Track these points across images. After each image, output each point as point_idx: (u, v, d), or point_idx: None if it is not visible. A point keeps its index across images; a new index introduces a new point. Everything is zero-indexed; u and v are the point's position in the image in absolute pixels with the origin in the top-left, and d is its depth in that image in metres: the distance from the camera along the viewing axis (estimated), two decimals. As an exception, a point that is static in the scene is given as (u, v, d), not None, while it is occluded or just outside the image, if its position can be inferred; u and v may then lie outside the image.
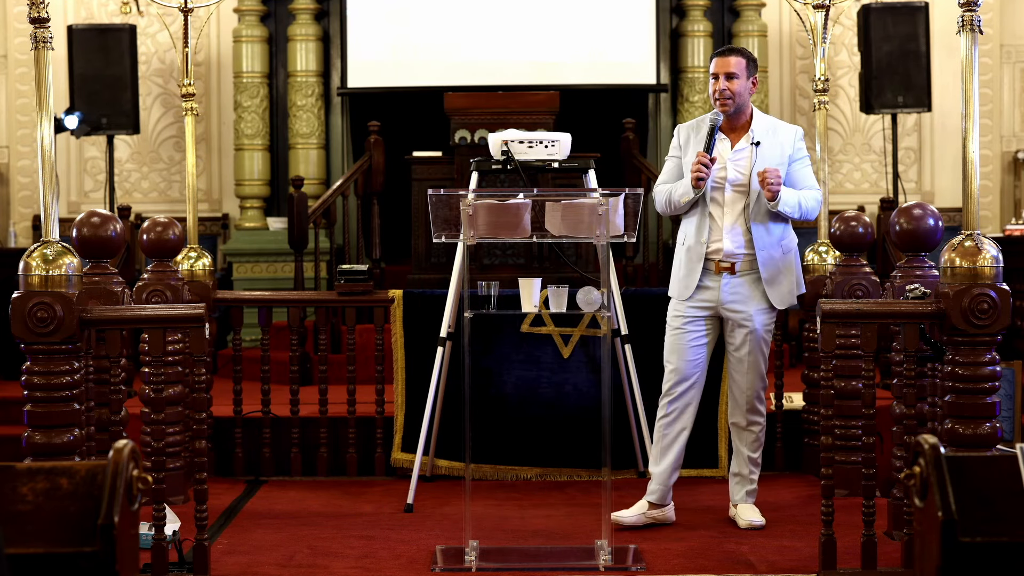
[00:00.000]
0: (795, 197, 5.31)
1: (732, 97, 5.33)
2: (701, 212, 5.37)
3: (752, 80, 5.39)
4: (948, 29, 7.33)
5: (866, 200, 9.87)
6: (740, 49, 5.43)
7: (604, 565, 4.81)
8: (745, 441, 5.52)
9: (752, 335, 5.39)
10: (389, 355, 6.55)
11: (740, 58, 5.36)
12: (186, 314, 4.68)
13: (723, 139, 5.40)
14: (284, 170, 9.72)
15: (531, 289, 5.10)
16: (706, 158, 5.25)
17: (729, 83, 5.33)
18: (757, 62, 5.49)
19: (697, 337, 5.44)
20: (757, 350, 5.41)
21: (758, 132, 5.38)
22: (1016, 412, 6.46)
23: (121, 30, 9.43)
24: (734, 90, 5.33)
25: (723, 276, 5.36)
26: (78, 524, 3.09)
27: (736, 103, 5.35)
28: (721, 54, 5.40)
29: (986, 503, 3.16)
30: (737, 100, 5.34)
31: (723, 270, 5.36)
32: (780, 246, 5.39)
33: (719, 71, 5.36)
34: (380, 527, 5.50)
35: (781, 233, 5.41)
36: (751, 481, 5.53)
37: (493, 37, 9.52)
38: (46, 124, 4.50)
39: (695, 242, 5.38)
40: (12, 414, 6.95)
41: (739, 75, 5.34)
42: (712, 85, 5.38)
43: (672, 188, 5.41)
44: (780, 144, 5.39)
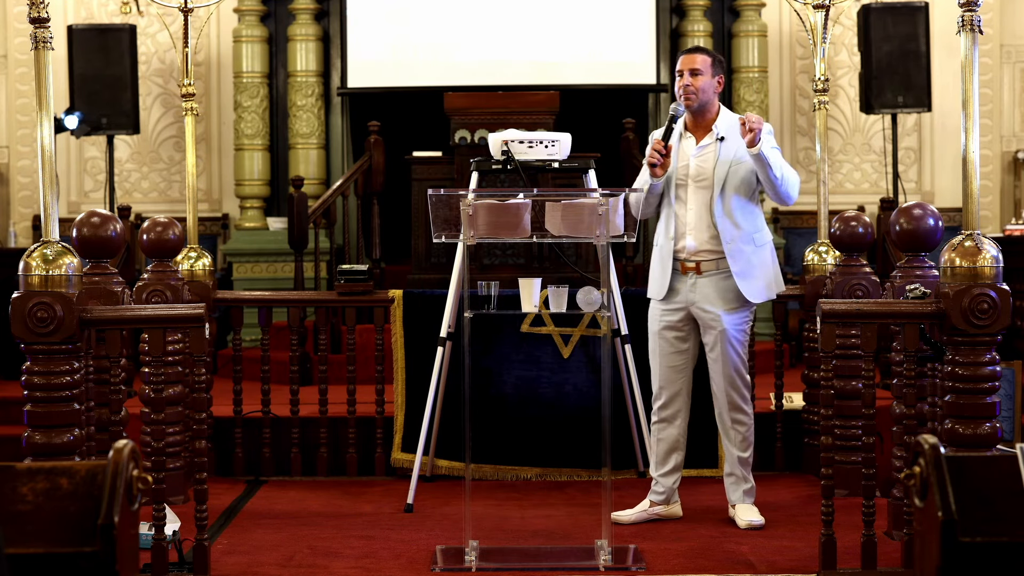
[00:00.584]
0: (778, 157, 5.32)
1: (696, 93, 5.40)
2: (667, 210, 5.43)
3: (717, 79, 5.46)
4: (948, 29, 7.33)
5: (866, 200, 9.87)
6: (707, 49, 5.54)
7: (604, 565, 4.81)
8: (733, 441, 5.52)
9: (722, 335, 5.39)
10: (389, 355, 6.55)
11: (705, 56, 5.46)
12: (186, 314, 4.68)
13: (688, 136, 5.47)
14: (284, 170, 9.72)
15: (531, 289, 5.10)
16: (660, 145, 5.32)
17: (694, 79, 5.40)
18: (723, 63, 5.58)
19: (676, 341, 5.48)
20: (730, 350, 5.41)
21: (723, 128, 5.42)
22: (1016, 412, 6.46)
23: (121, 30, 9.42)
24: (698, 86, 5.40)
25: (690, 276, 5.40)
26: (78, 524, 3.08)
27: (700, 99, 5.41)
28: (688, 52, 5.50)
29: (986, 503, 3.16)
30: (701, 96, 5.41)
31: (689, 270, 5.40)
32: (751, 239, 5.39)
33: (684, 68, 5.44)
34: (380, 527, 5.50)
35: (752, 227, 5.41)
36: (746, 480, 5.53)
37: (493, 37, 9.52)
38: (46, 124, 4.50)
39: (664, 240, 5.43)
40: (12, 414, 6.95)
41: (704, 72, 5.41)
42: (678, 82, 5.45)
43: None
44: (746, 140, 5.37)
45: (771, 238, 5.52)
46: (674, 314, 5.46)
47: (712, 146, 5.42)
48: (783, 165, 5.34)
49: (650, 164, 5.34)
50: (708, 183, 5.37)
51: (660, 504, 5.53)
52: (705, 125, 5.46)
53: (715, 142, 5.42)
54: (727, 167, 5.37)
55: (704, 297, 5.40)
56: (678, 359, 5.51)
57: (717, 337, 5.41)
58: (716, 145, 5.41)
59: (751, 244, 5.39)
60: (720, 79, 5.48)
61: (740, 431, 5.51)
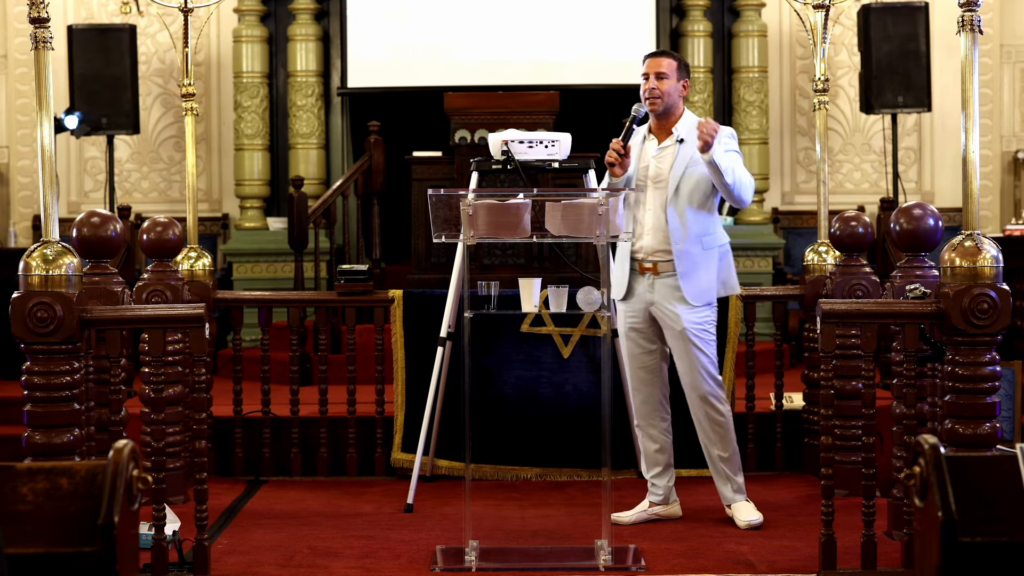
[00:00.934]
0: (730, 161, 5.30)
1: (661, 96, 5.40)
2: (628, 211, 5.38)
3: (683, 83, 5.46)
4: (948, 29, 7.33)
5: (866, 200, 9.87)
6: (672, 52, 5.54)
7: (604, 565, 4.81)
8: (711, 440, 5.47)
9: (682, 335, 5.36)
10: (389, 355, 6.55)
11: (671, 60, 5.45)
12: (186, 314, 4.68)
13: (652, 138, 5.48)
14: (284, 170, 9.72)
15: (531, 289, 5.10)
16: (619, 144, 5.33)
17: (659, 83, 5.40)
18: (689, 67, 5.59)
19: (643, 342, 5.48)
20: (692, 349, 5.36)
21: (683, 130, 5.42)
22: (1016, 412, 6.46)
23: (121, 30, 9.42)
24: (663, 90, 5.40)
25: (647, 276, 5.40)
26: (78, 524, 3.08)
27: (665, 103, 5.41)
28: (653, 55, 5.49)
29: (986, 503, 3.16)
30: (666, 100, 5.41)
31: (646, 270, 5.40)
32: (700, 242, 5.37)
33: (650, 71, 5.43)
34: (380, 527, 5.50)
35: (701, 230, 5.39)
36: (734, 479, 5.50)
37: (493, 37, 9.52)
38: (46, 124, 4.50)
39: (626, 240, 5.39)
40: (12, 414, 6.95)
41: (669, 76, 5.41)
42: (643, 85, 5.44)
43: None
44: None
45: (725, 241, 5.48)
46: (636, 315, 5.46)
47: (671, 148, 5.43)
48: (736, 169, 5.32)
49: (608, 164, 5.37)
50: (665, 184, 5.38)
51: (659, 504, 5.53)
52: (668, 128, 5.47)
53: (675, 144, 5.43)
54: (683, 169, 5.37)
55: (662, 296, 5.39)
56: (648, 360, 5.50)
57: (678, 336, 5.38)
58: (675, 147, 5.42)
59: (698, 246, 5.37)
60: (685, 83, 5.48)
61: (716, 430, 5.46)
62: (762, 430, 6.59)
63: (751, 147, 9.64)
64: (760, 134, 9.66)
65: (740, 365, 6.70)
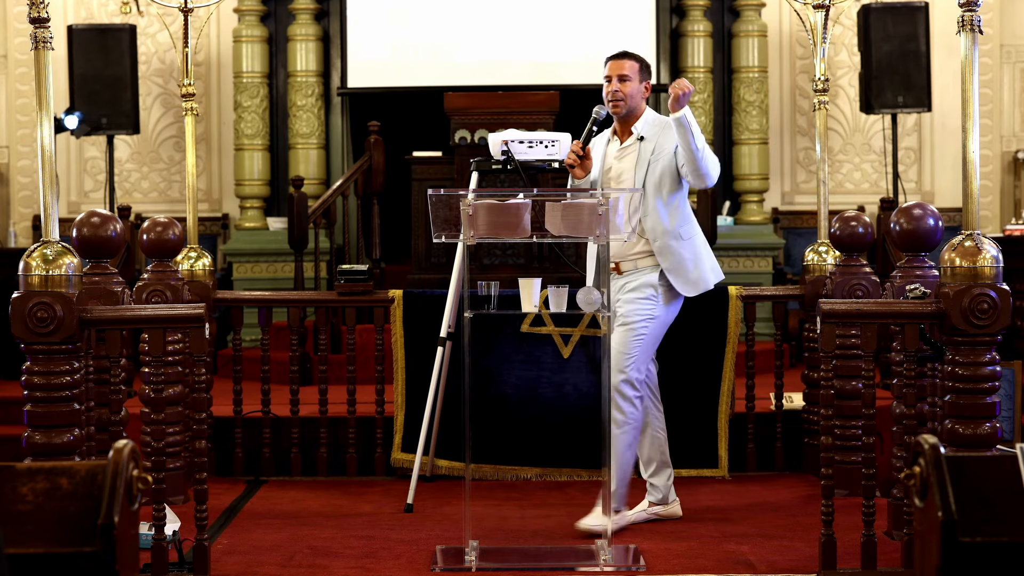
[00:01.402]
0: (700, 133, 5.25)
1: (624, 99, 5.39)
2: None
3: (645, 85, 5.44)
4: (948, 29, 7.33)
5: (866, 200, 9.87)
6: (634, 54, 5.48)
7: (604, 565, 4.81)
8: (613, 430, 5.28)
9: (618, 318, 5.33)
10: (389, 355, 6.55)
11: (633, 62, 5.43)
12: (186, 314, 4.68)
13: (615, 140, 5.48)
14: (284, 170, 9.72)
15: (531, 289, 5.10)
16: (578, 146, 5.33)
17: (621, 85, 5.38)
18: (651, 69, 5.55)
19: None
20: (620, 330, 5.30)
21: (644, 128, 5.41)
22: (1016, 412, 6.46)
23: (121, 30, 9.43)
24: (626, 92, 5.38)
25: (612, 276, 5.36)
26: (78, 524, 3.09)
27: (628, 105, 5.41)
28: (615, 57, 5.46)
29: (986, 503, 3.16)
30: (629, 102, 5.40)
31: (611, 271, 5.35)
32: (678, 234, 5.35)
33: (612, 73, 5.41)
34: (380, 527, 5.50)
35: (676, 222, 5.36)
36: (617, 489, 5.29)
37: (493, 37, 9.53)
38: (46, 124, 4.50)
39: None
40: (12, 414, 6.95)
41: (631, 78, 5.39)
42: (605, 87, 5.43)
43: None
44: (668, 138, 5.36)
45: (698, 230, 5.46)
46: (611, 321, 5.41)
47: (633, 147, 5.42)
48: (705, 146, 5.26)
49: (568, 166, 5.37)
50: (630, 184, 5.35)
51: (658, 504, 5.52)
52: (630, 128, 5.46)
53: (635, 143, 5.42)
54: (646, 165, 5.35)
55: (622, 296, 5.37)
56: None
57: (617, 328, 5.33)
58: (636, 146, 5.41)
59: (678, 239, 5.35)
60: (648, 84, 5.46)
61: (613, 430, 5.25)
62: (762, 430, 6.59)
63: (751, 147, 9.65)
64: (760, 134, 9.67)
65: (740, 365, 6.70)
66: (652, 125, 5.42)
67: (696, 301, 6.49)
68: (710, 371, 6.45)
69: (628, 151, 5.43)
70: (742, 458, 6.53)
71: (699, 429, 6.43)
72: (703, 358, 6.45)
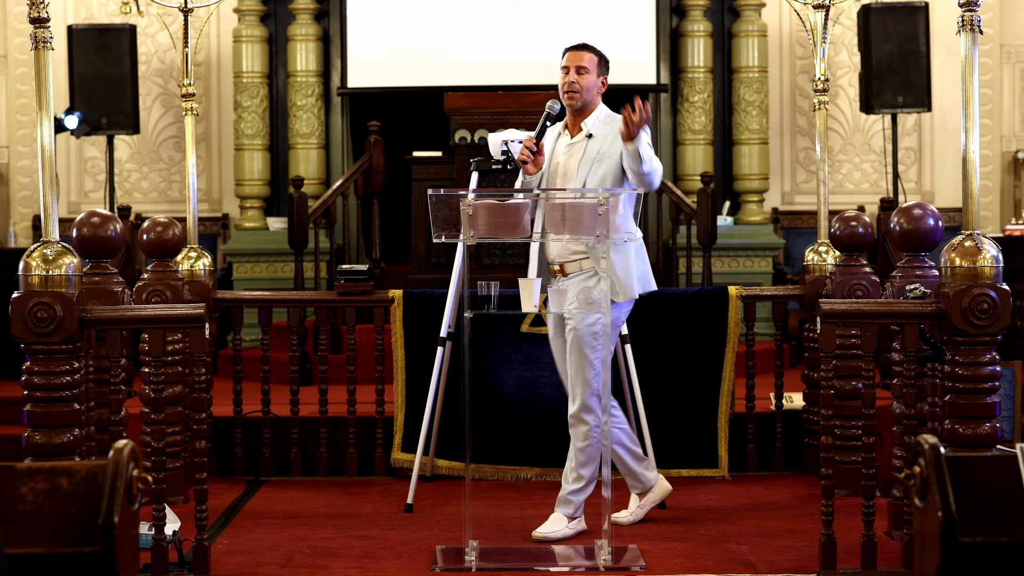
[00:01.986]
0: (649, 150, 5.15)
1: (580, 91, 5.28)
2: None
3: (602, 79, 5.34)
4: (948, 29, 7.33)
5: (866, 200, 9.87)
6: (593, 47, 5.37)
7: (604, 565, 4.81)
8: (574, 444, 5.28)
9: (574, 336, 5.21)
10: (389, 355, 6.55)
11: (592, 55, 5.32)
12: (186, 314, 4.68)
13: (565, 134, 5.38)
14: (284, 170, 9.72)
15: (531, 289, 5.10)
16: (531, 142, 5.23)
17: (579, 77, 5.27)
18: (609, 64, 5.42)
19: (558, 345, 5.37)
20: (577, 352, 5.20)
21: (594, 126, 5.31)
22: (1016, 412, 6.46)
23: (121, 30, 9.43)
24: (583, 84, 5.27)
25: (557, 278, 5.27)
26: (78, 524, 3.09)
27: (583, 98, 5.29)
28: (573, 48, 5.35)
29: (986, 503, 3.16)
30: (584, 95, 5.29)
31: (555, 272, 5.28)
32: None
33: (570, 64, 5.30)
34: (380, 527, 5.49)
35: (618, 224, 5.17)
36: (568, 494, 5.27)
37: (493, 37, 9.52)
38: (46, 124, 4.50)
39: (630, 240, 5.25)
40: (12, 414, 6.95)
41: (590, 71, 5.29)
42: (562, 78, 5.32)
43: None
44: (612, 136, 5.26)
45: (638, 236, 5.29)
46: (550, 318, 5.35)
47: (580, 144, 5.32)
48: (652, 157, 5.17)
49: (521, 162, 5.26)
50: (572, 180, 5.27)
51: (645, 492, 5.46)
52: (581, 124, 5.35)
53: (584, 139, 5.32)
54: (589, 166, 5.25)
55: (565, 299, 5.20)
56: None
57: (571, 339, 5.23)
58: (584, 143, 5.31)
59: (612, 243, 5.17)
60: (604, 79, 5.36)
61: (577, 441, 5.25)
62: (762, 430, 6.59)
63: (751, 147, 9.65)
64: (760, 134, 9.67)
65: (740, 365, 6.70)
66: (603, 123, 5.30)
67: (696, 301, 6.53)
68: (710, 371, 6.45)
69: (575, 148, 5.32)
70: (742, 458, 6.53)
71: (699, 429, 6.43)
72: (703, 358, 6.45)
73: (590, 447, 5.23)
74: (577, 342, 5.20)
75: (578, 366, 5.21)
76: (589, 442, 5.23)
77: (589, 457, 5.25)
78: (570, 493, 5.27)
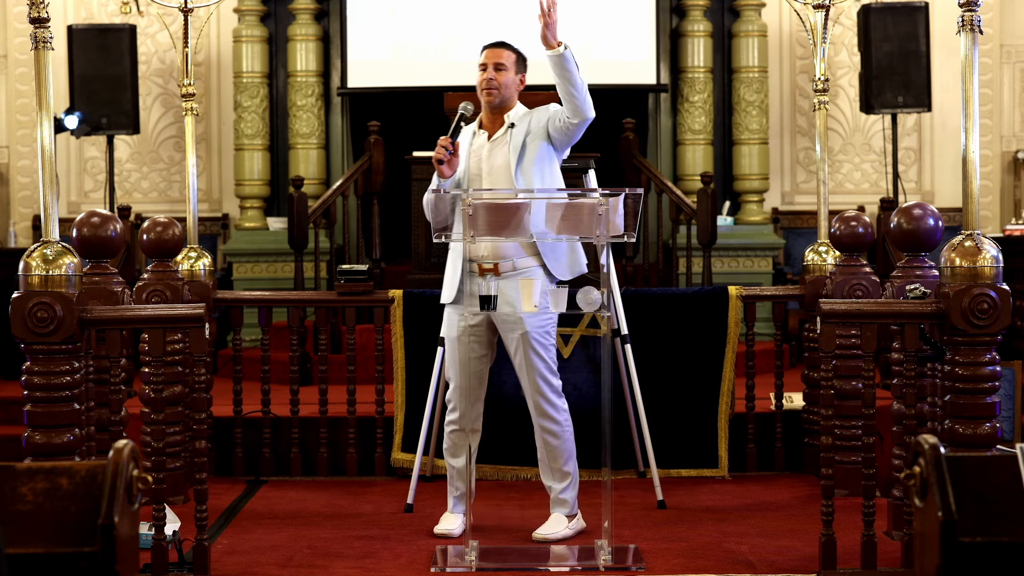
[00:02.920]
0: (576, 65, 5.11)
1: (498, 88, 5.25)
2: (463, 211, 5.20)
3: (520, 77, 5.32)
4: (948, 29, 7.33)
5: (866, 200, 9.87)
6: (512, 45, 5.35)
7: (604, 565, 4.81)
8: (547, 450, 5.25)
9: (524, 337, 5.18)
10: (389, 355, 6.55)
11: (511, 52, 5.31)
12: (186, 314, 4.68)
13: (482, 133, 5.33)
14: (284, 170, 9.72)
15: (531, 289, 5.09)
16: (447, 141, 5.17)
17: (497, 74, 5.25)
18: (527, 61, 5.38)
19: (477, 347, 5.27)
20: (532, 355, 5.19)
21: (514, 116, 5.28)
22: (1016, 412, 6.46)
23: (121, 30, 9.43)
24: (501, 81, 5.25)
25: (488, 278, 5.16)
26: (78, 524, 3.09)
27: (501, 94, 5.26)
28: (492, 46, 5.33)
29: (986, 503, 3.16)
30: (503, 92, 5.26)
31: (486, 271, 5.18)
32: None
33: (489, 61, 5.27)
34: (380, 527, 5.50)
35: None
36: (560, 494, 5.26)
37: (493, 37, 9.48)
38: (46, 124, 4.50)
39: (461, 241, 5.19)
40: (12, 414, 6.95)
41: (508, 68, 5.27)
42: (480, 75, 5.29)
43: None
44: (537, 118, 5.26)
45: None
46: (474, 318, 5.23)
47: (503, 137, 5.27)
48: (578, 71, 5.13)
49: (436, 162, 5.17)
50: (505, 173, 5.20)
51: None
52: (501, 121, 5.31)
53: (506, 131, 5.27)
54: (519, 150, 5.21)
55: (503, 299, 5.14)
56: (480, 365, 5.30)
57: (519, 341, 5.19)
58: (507, 134, 5.26)
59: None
60: (523, 77, 5.33)
61: (551, 440, 5.23)
62: (762, 430, 6.59)
63: (751, 147, 9.65)
64: (760, 134, 9.67)
65: (740, 365, 6.70)
66: (523, 115, 5.28)
67: (696, 301, 6.52)
68: (710, 371, 6.45)
69: (500, 141, 5.27)
70: (742, 458, 6.53)
71: (699, 429, 6.43)
72: (703, 358, 6.45)
73: (564, 442, 5.24)
74: (528, 343, 5.18)
75: (533, 367, 5.20)
76: (563, 438, 5.24)
77: (568, 453, 5.26)
78: (562, 492, 5.27)
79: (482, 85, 5.28)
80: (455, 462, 5.36)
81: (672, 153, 9.73)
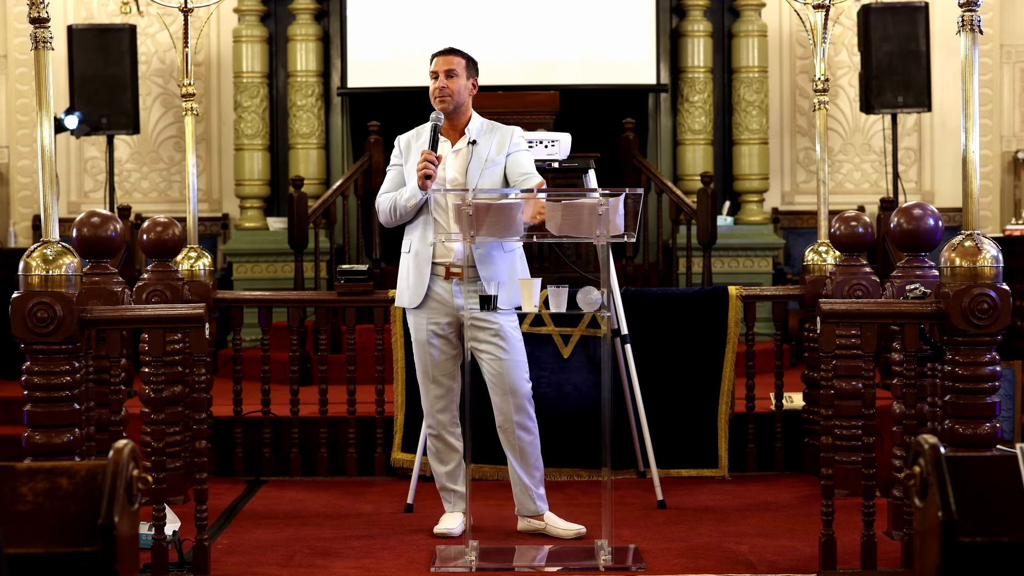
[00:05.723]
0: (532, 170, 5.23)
1: (451, 94, 5.28)
2: (425, 217, 5.24)
3: (472, 81, 5.35)
4: (948, 29, 7.33)
5: (866, 200, 9.88)
6: (461, 51, 5.39)
7: (604, 565, 4.81)
8: (522, 448, 5.25)
9: (498, 335, 5.19)
10: (389, 355, 6.55)
11: (460, 58, 5.33)
12: (186, 314, 4.68)
13: (444, 141, 5.36)
14: (284, 170, 9.73)
15: (531, 289, 5.09)
16: (432, 155, 5.20)
17: (448, 81, 5.28)
18: (477, 65, 5.42)
19: (448, 349, 5.29)
20: (509, 349, 5.20)
21: (475, 132, 5.32)
22: (1016, 412, 6.47)
23: (121, 30, 9.43)
24: (453, 88, 5.28)
25: (454, 281, 5.21)
26: (78, 524, 3.09)
27: (455, 101, 5.30)
28: (442, 53, 5.36)
29: (986, 503, 3.16)
30: (456, 98, 5.30)
31: (453, 275, 5.21)
32: (500, 246, 5.17)
33: (439, 69, 5.31)
34: (380, 527, 5.50)
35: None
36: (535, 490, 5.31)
37: (493, 37, 9.52)
38: (46, 124, 4.50)
39: (421, 247, 5.23)
40: (12, 414, 6.95)
41: (459, 74, 5.30)
42: (432, 84, 5.33)
43: (396, 195, 5.30)
44: (497, 142, 5.31)
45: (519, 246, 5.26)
46: (442, 319, 5.25)
47: (465, 150, 5.31)
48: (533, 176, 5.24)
49: (425, 176, 5.16)
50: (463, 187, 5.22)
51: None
52: (458, 128, 5.35)
53: (467, 146, 5.31)
54: (480, 171, 5.26)
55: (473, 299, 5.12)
56: (451, 367, 5.31)
57: (495, 337, 5.19)
58: (468, 149, 5.30)
59: (500, 250, 5.17)
60: (475, 81, 5.37)
61: (526, 438, 5.24)
62: (762, 430, 6.59)
63: (751, 147, 9.65)
64: (760, 134, 9.67)
65: (740, 365, 6.71)
66: (486, 132, 5.33)
67: (696, 301, 6.52)
68: (710, 371, 6.45)
69: (460, 154, 5.32)
70: (742, 458, 6.53)
71: (699, 429, 6.43)
72: (703, 358, 6.45)
73: (534, 441, 5.27)
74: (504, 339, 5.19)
75: (509, 370, 5.19)
76: (533, 438, 5.27)
77: (537, 451, 5.29)
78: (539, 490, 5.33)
79: (435, 94, 5.32)
80: (441, 467, 5.38)
81: (672, 153, 9.73)
